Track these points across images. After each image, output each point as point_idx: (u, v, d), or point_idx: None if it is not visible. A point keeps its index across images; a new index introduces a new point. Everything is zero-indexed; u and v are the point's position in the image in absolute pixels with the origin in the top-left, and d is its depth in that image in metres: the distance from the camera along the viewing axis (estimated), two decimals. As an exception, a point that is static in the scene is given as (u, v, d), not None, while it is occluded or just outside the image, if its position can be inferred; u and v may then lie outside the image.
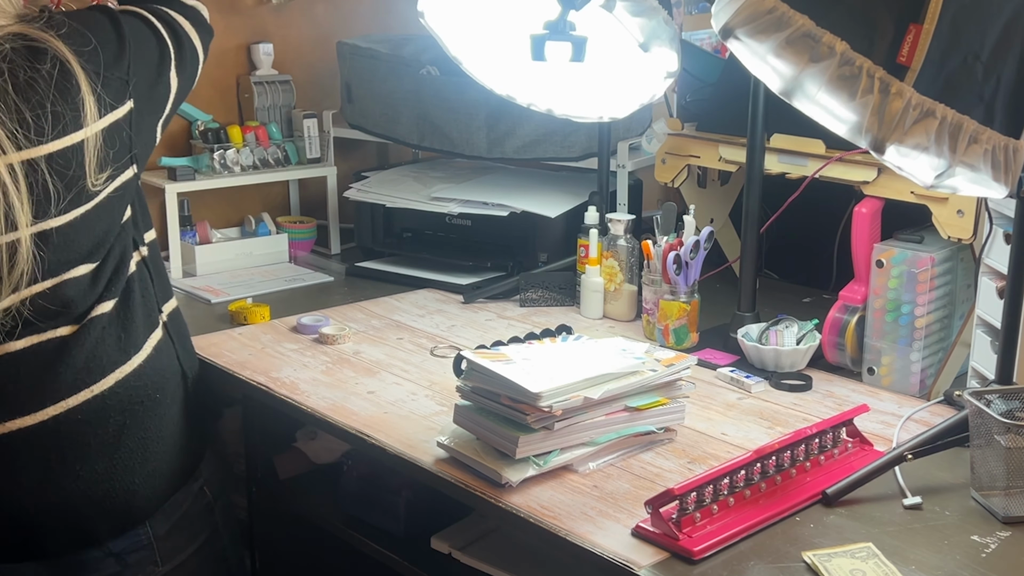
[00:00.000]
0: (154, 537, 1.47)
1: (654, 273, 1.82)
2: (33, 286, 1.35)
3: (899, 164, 1.24)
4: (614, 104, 1.70)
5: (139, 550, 1.46)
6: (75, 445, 1.38)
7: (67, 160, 1.35)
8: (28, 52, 1.33)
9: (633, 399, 1.41)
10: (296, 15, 2.53)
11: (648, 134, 2.17)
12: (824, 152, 1.81)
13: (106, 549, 1.43)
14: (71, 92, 1.35)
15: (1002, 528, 1.24)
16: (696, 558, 1.17)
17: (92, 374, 1.39)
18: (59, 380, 1.37)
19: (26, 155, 1.32)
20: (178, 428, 1.51)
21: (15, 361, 1.35)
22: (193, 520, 1.55)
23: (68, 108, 1.35)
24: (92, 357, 1.39)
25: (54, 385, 1.36)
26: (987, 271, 1.52)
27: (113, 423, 1.41)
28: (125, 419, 1.42)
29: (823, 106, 1.22)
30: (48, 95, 1.33)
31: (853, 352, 1.69)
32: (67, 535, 1.41)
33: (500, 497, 1.31)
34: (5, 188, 1.29)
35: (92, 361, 1.39)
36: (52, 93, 1.33)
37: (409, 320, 1.98)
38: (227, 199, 2.44)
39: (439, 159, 2.58)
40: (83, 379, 1.38)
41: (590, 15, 1.49)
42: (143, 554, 1.47)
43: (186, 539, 1.53)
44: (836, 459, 1.39)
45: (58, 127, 1.34)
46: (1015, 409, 1.31)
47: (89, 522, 1.41)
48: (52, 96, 1.33)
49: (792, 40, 1.19)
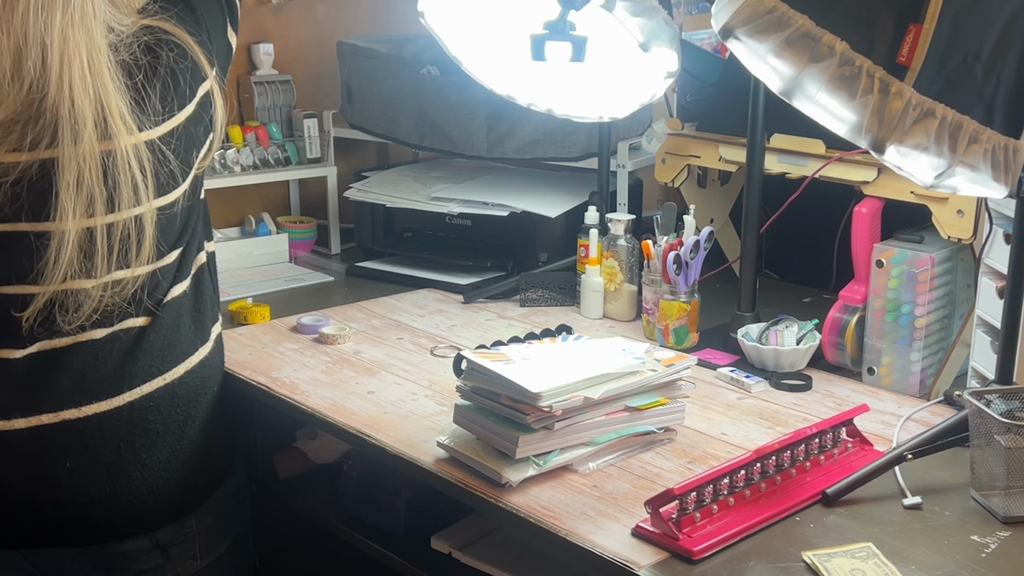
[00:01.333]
0: (198, 530, 1.50)
1: (654, 273, 1.82)
2: (146, 266, 1.40)
3: (899, 164, 1.24)
4: (614, 104, 1.70)
5: (183, 543, 1.49)
6: (145, 432, 1.42)
7: (183, 132, 1.43)
8: (156, 44, 1.41)
9: (633, 399, 1.41)
10: (296, 15, 2.53)
11: (648, 134, 2.17)
12: (824, 152, 1.81)
13: (154, 539, 1.46)
14: (185, 65, 1.42)
15: (1002, 528, 1.24)
16: (696, 558, 1.17)
17: (166, 362, 1.44)
18: (137, 367, 1.41)
19: (147, 136, 1.38)
20: (223, 421, 1.56)
21: (95, 348, 1.39)
22: (232, 516, 1.59)
23: (187, 83, 1.42)
24: (168, 345, 1.44)
25: (132, 371, 1.41)
26: (987, 271, 1.52)
27: (180, 412, 1.46)
28: (190, 409, 1.47)
29: (823, 106, 1.22)
30: (170, 73, 1.40)
31: (853, 352, 1.69)
32: (123, 522, 1.44)
33: (500, 497, 1.31)
34: (131, 167, 1.35)
35: (167, 349, 1.44)
36: (174, 69, 1.41)
37: (409, 320, 1.98)
38: (227, 199, 2.44)
39: (439, 159, 2.58)
40: (158, 367, 1.44)
41: (590, 15, 1.49)
42: (185, 547, 1.50)
43: (224, 534, 1.57)
44: (836, 459, 1.39)
45: (181, 101, 1.42)
46: (1015, 409, 1.31)
47: (146, 510, 1.44)
48: (173, 72, 1.41)
49: (792, 40, 1.19)
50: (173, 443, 1.46)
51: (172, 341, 1.46)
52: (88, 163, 1.32)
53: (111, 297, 1.38)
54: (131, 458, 1.42)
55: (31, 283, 1.35)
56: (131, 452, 1.42)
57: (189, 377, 1.47)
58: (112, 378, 1.41)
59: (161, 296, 1.45)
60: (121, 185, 1.35)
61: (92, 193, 1.33)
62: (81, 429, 1.39)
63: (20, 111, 1.32)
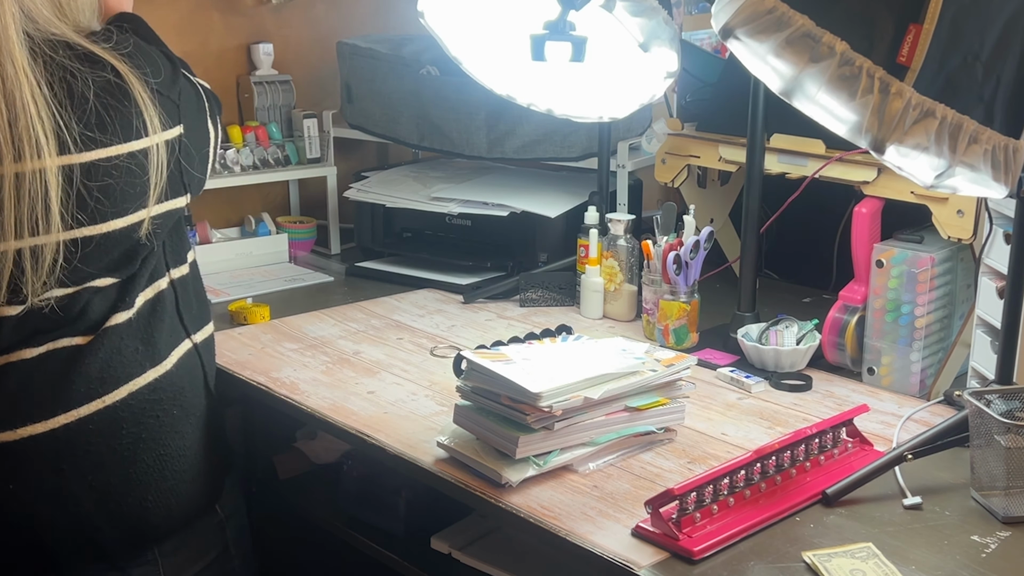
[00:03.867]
0: (159, 553, 1.44)
1: (654, 273, 1.82)
2: (55, 290, 1.34)
3: (899, 164, 1.24)
4: (614, 104, 1.70)
5: (143, 565, 1.44)
6: (87, 455, 1.36)
7: (112, 170, 1.34)
8: (87, 60, 1.34)
9: (633, 399, 1.41)
10: (296, 15, 2.53)
11: (648, 134, 2.17)
12: (824, 152, 1.81)
13: (118, 567, 1.41)
14: (125, 103, 1.35)
15: (1002, 528, 1.24)
16: (696, 558, 1.17)
17: (105, 384, 1.38)
18: (71, 389, 1.35)
19: (68, 160, 1.31)
20: (199, 451, 1.48)
21: (29, 368, 1.35)
22: (203, 537, 1.52)
23: (119, 119, 1.34)
24: (106, 367, 1.38)
25: (66, 393, 1.35)
26: (987, 271, 1.52)
27: (127, 435, 1.39)
28: (140, 432, 1.40)
29: (823, 106, 1.22)
30: (101, 103, 1.33)
31: (853, 352, 1.69)
32: (77, 548, 1.39)
33: (500, 497, 1.31)
34: (47, 191, 1.29)
35: (106, 371, 1.38)
36: (105, 101, 1.33)
37: (409, 320, 1.98)
38: (227, 199, 2.44)
39: (439, 159, 2.58)
40: (96, 389, 1.37)
41: (590, 15, 1.49)
42: (147, 569, 1.44)
43: (194, 556, 1.50)
44: (836, 459, 1.39)
45: (107, 136, 1.33)
46: (1015, 409, 1.31)
47: (100, 535, 1.39)
48: (104, 105, 1.33)
49: (792, 40, 1.19)
50: (125, 468, 1.39)
51: (112, 363, 1.38)
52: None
53: (33, 317, 1.33)
54: (76, 481, 1.35)
55: None
56: (76, 475, 1.35)
57: (134, 399, 1.39)
58: (47, 399, 1.34)
59: (97, 318, 1.38)
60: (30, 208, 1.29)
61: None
62: (18, 450, 1.33)
63: None
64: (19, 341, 1.34)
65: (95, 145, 1.33)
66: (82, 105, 1.32)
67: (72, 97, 1.32)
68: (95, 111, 1.33)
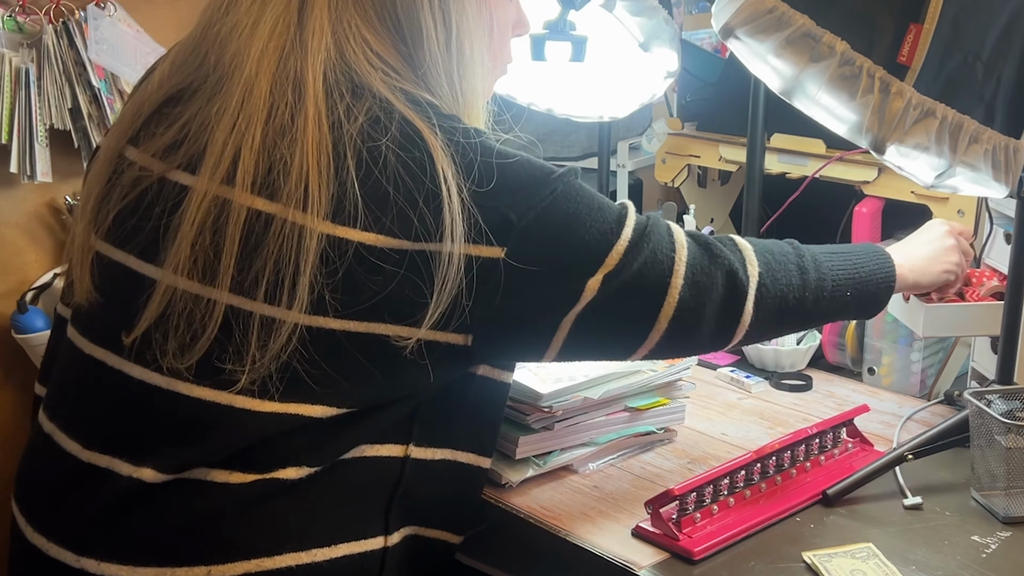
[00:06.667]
0: None
1: (654, 273, 1.82)
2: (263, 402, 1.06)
3: (899, 164, 1.24)
4: (614, 104, 1.71)
5: None
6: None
7: (376, 262, 1.04)
8: (403, 137, 1.07)
9: (633, 399, 1.41)
10: (296, 15, 2.52)
11: (648, 134, 2.17)
12: (824, 152, 1.81)
13: None
14: (430, 197, 1.05)
15: (1002, 528, 1.24)
16: (696, 558, 1.17)
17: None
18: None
19: (336, 231, 1.04)
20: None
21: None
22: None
23: (415, 209, 1.05)
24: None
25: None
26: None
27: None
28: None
29: (823, 106, 1.22)
30: (402, 189, 1.05)
31: (853, 352, 1.69)
32: None
33: (500, 497, 1.31)
34: (299, 254, 1.02)
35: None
36: (406, 187, 1.05)
37: (409, 320, 1.98)
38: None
39: (439, 159, 2.57)
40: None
41: (590, 15, 1.49)
42: None
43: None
44: (836, 459, 1.39)
45: (399, 225, 1.04)
46: (1015, 409, 1.31)
47: None
48: (404, 189, 1.05)
49: (792, 40, 1.19)
50: None
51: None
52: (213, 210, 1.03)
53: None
54: None
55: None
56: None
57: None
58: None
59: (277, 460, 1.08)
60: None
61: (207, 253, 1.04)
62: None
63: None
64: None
65: (383, 230, 1.06)
66: (384, 186, 1.06)
67: (382, 174, 1.06)
68: (400, 196, 1.07)
